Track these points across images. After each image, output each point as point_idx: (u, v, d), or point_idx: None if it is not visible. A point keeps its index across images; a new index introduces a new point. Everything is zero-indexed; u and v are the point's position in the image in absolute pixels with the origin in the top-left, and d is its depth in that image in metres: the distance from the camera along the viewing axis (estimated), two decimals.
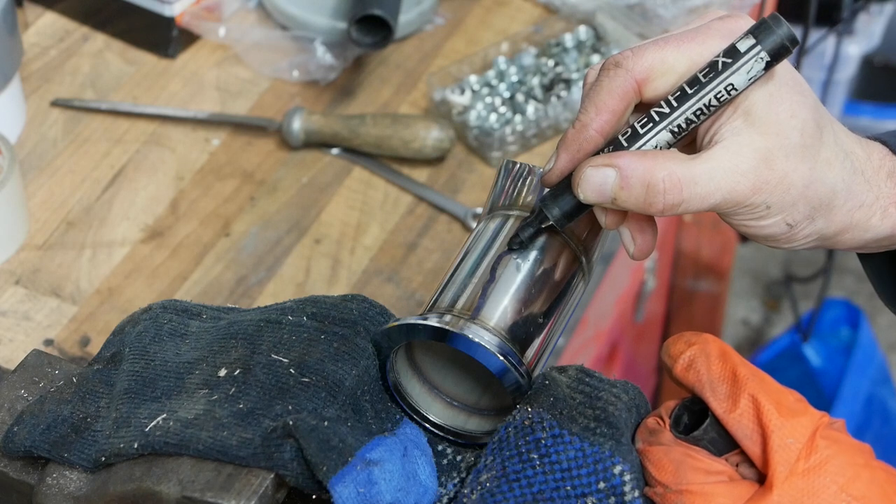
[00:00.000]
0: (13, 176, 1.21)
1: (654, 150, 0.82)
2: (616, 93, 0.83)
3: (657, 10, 1.48)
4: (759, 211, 0.82)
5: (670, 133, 0.82)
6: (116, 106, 1.39)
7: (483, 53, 1.43)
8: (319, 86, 1.44)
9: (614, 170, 0.81)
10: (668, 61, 0.82)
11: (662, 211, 0.81)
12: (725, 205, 0.82)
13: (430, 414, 0.91)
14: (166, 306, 0.95)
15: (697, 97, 0.81)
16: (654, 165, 0.80)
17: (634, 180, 0.81)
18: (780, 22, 0.80)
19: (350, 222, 1.30)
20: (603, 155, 0.83)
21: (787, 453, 0.78)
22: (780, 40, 0.80)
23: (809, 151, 0.82)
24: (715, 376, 0.81)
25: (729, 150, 0.81)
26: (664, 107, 0.82)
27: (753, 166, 0.81)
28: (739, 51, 0.80)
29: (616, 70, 0.83)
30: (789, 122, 0.81)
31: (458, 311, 0.87)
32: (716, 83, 0.81)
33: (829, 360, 2.29)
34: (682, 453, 0.80)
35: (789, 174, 0.81)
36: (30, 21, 1.48)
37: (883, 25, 2.67)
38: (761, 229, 0.84)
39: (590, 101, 0.84)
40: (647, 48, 0.83)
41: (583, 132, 0.84)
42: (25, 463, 0.89)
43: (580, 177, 0.83)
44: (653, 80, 0.83)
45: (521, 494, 0.81)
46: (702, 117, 0.82)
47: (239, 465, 0.82)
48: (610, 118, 0.83)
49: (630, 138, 0.83)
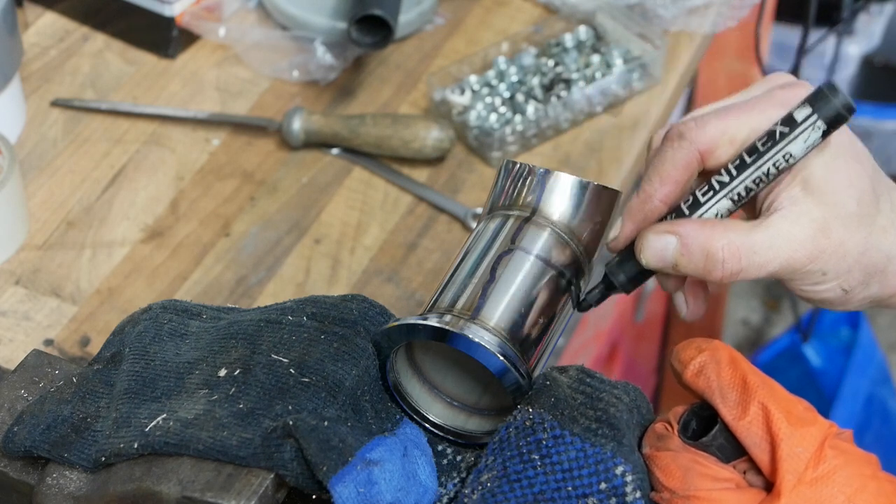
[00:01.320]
0: (13, 176, 1.21)
1: (715, 220, 0.84)
2: (680, 164, 0.85)
3: (657, 10, 1.48)
4: (816, 277, 0.84)
5: (730, 201, 0.84)
6: (116, 106, 1.39)
7: (483, 53, 1.43)
8: (319, 86, 1.44)
9: (675, 237, 0.84)
10: (730, 132, 0.84)
11: (722, 278, 0.83)
12: (783, 272, 0.84)
13: (430, 414, 0.91)
14: (166, 306, 0.95)
15: (756, 166, 0.83)
16: (713, 234, 0.83)
17: (695, 248, 0.83)
18: (837, 91, 0.81)
19: (350, 222, 1.30)
20: (665, 223, 0.85)
21: (796, 462, 0.78)
22: (836, 109, 0.81)
23: (866, 220, 0.84)
24: (725, 383, 0.81)
25: (787, 219, 0.83)
26: (724, 175, 0.84)
27: (811, 235, 0.82)
28: (796, 120, 0.82)
29: (680, 142, 0.85)
30: (846, 191, 0.83)
31: (458, 311, 0.87)
32: (774, 152, 0.82)
33: (829, 360, 2.29)
34: (690, 459, 0.80)
35: (845, 242, 0.83)
36: (30, 21, 1.48)
37: (883, 25, 2.68)
38: (817, 294, 0.86)
39: (654, 172, 0.86)
40: (710, 120, 0.85)
41: (648, 203, 0.86)
42: (25, 463, 0.89)
43: (643, 243, 0.85)
44: (715, 149, 0.85)
45: (522, 495, 0.81)
46: (761, 185, 0.84)
47: (239, 465, 0.82)
48: (674, 189, 0.86)
49: (692, 206, 0.85)
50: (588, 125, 1.40)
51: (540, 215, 0.91)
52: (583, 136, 1.39)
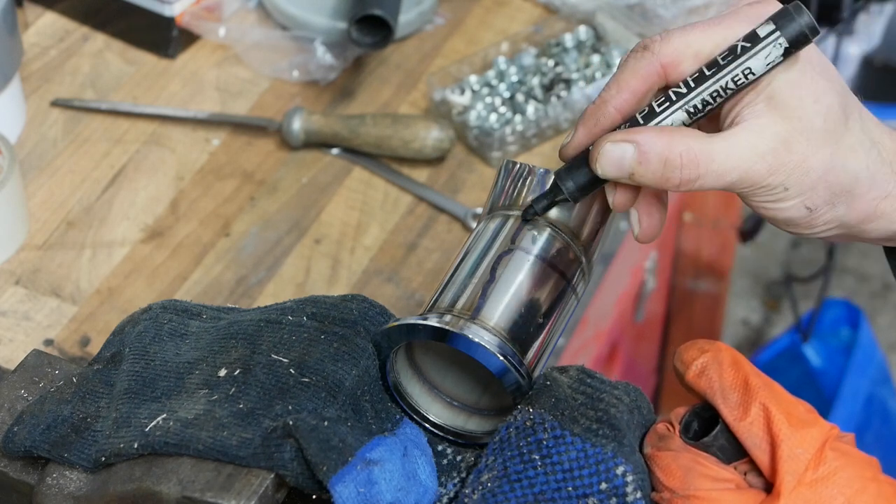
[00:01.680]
0: (13, 176, 1.21)
1: (673, 127, 0.83)
2: (639, 73, 0.84)
3: (657, 10, 1.48)
4: (777, 192, 0.82)
5: (686, 113, 0.83)
6: (116, 106, 1.39)
7: (483, 53, 1.43)
8: (319, 86, 1.44)
9: (633, 145, 0.81)
10: (694, 45, 0.83)
11: (679, 186, 0.81)
12: (742, 184, 0.82)
13: (430, 414, 0.91)
14: (166, 306, 0.95)
15: (715, 79, 0.82)
16: (672, 141, 0.81)
17: (652, 155, 0.81)
18: (802, 10, 0.80)
19: (350, 222, 1.30)
20: (622, 130, 0.83)
21: (796, 463, 0.78)
22: (799, 28, 0.80)
23: (832, 136, 0.82)
24: (727, 384, 0.81)
25: (748, 130, 0.81)
26: (682, 87, 0.83)
27: (772, 148, 0.81)
28: (759, 36, 0.81)
29: (643, 52, 0.84)
30: (812, 106, 0.82)
31: (458, 311, 0.87)
32: (733, 66, 0.81)
33: (829, 360, 2.28)
34: (691, 459, 0.80)
35: (809, 158, 0.82)
36: (30, 21, 1.48)
37: (883, 25, 2.67)
38: (780, 212, 0.84)
39: (613, 80, 0.85)
40: (675, 32, 0.84)
41: (602, 108, 0.84)
42: (25, 463, 0.89)
43: (598, 151, 0.83)
44: (679, 63, 0.83)
45: (522, 495, 0.81)
46: (718, 99, 0.82)
47: (239, 465, 0.82)
48: (629, 97, 0.84)
49: (646, 116, 0.83)
50: None
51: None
52: None
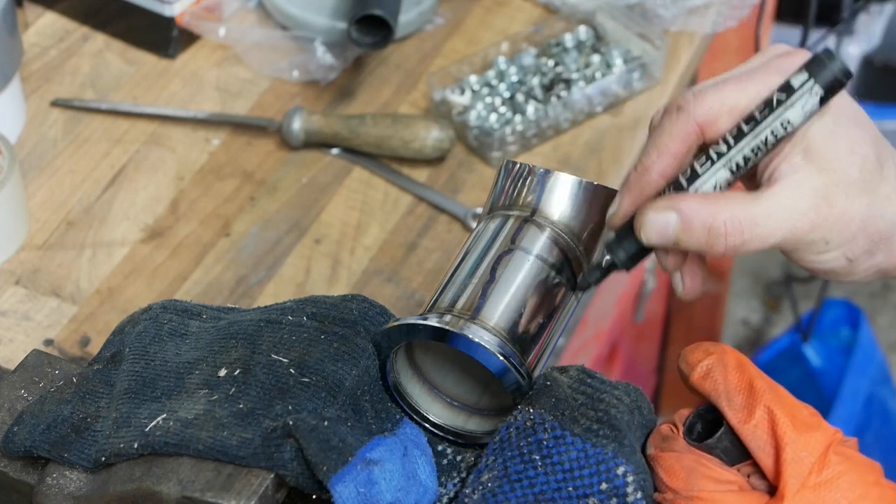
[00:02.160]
0: (13, 176, 1.21)
1: (715, 193, 0.83)
2: (677, 136, 0.83)
3: (657, 10, 1.48)
4: (819, 247, 0.83)
5: (729, 172, 0.83)
6: (116, 106, 1.39)
7: (483, 53, 1.43)
8: (319, 86, 1.44)
9: (676, 214, 0.82)
10: (729, 101, 0.83)
11: (724, 252, 0.82)
12: (786, 243, 0.82)
13: (430, 414, 0.91)
14: (166, 306, 0.95)
15: (754, 134, 0.82)
16: (715, 209, 0.81)
17: (696, 224, 0.81)
18: (834, 56, 0.80)
19: (350, 222, 1.30)
20: (664, 198, 0.83)
21: (800, 466, 0.78)
22: (833, 74, 0.80)
23: (869, 187, 0.82)
24: (731, 386, 0.81)
25: (788, 188, 0.81)
26: (722, 145, 0.83)
27: (813, 204, 0.81)
28: (793, 87, 0.81)
29: (678, 113, 0.84)
30: (848, 157, 0.82)
31: (458, 311, 0.87)
32: (771, 119, 0.81)
33: (829, 360, 2.29)
34: (694, 461, 0.80)
35: (848, 210, 0.82)
36: (30, 21, 1.48)
37: (883, 25, 2.67)
38: (822, 264, 0.84)
39: (652, 145, 0.84)
40: (708, 91, 0.83)
41: (644, 175, 0.84)
42: (25, 463, 0.89)
43: (642, 221, 0.83)
44: (715, 121, 0.83)
45: (522, 495, 0.81)
46: (759, 154, 0.82)
47: (239, 465, 0.82)
48: (671, 161, 0.84)
49: (690, 178, 0.83)
50: (588, 125, 1.40)
51: (540, 215, 0.91)
52: (583, 137, 1.39)
